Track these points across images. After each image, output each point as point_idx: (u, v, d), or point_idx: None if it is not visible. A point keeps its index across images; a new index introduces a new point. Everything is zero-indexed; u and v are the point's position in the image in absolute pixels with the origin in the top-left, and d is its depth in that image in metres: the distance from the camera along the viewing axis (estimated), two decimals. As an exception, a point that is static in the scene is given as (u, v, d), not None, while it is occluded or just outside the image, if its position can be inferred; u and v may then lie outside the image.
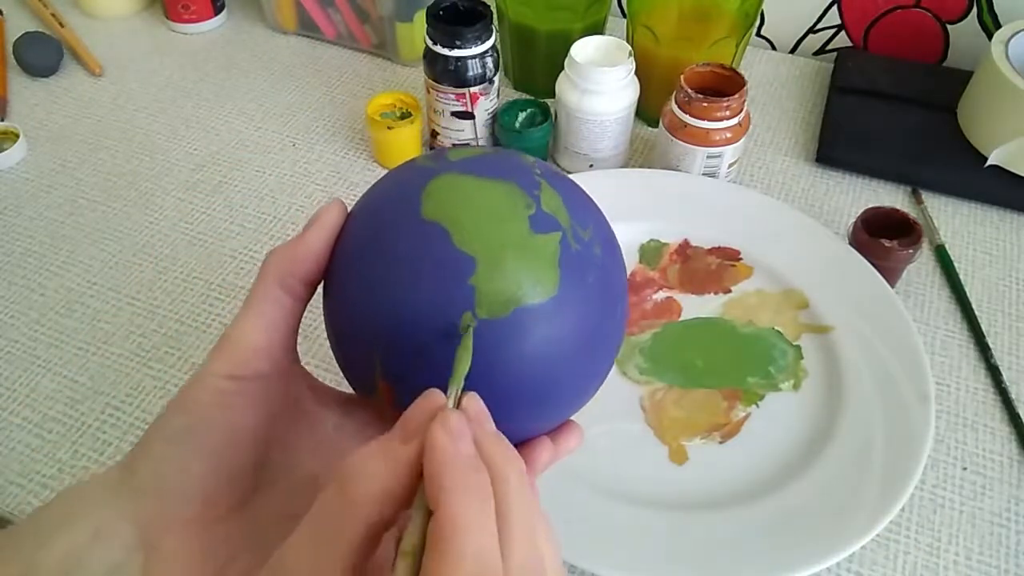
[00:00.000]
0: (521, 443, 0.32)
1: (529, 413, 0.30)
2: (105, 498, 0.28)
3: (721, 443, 0.50)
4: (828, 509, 0.45)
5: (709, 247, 0.60)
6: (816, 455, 0.48)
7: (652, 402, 0.52)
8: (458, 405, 0.27)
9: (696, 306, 0.57)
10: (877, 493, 0.45)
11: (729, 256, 0.60)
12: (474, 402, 0.27)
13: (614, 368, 0.53)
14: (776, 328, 0.55)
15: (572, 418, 0.33)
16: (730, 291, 0.58)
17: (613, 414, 0.51)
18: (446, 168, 0.31)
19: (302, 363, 0.34)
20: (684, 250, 0.60)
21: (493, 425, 0.27)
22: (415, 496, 0.25)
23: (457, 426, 0.25)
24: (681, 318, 0.56)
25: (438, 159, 0.32)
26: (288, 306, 0.31)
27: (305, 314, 0.32)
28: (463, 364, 0.27)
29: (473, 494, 0.24)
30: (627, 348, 0.54)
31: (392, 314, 0.29)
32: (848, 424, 0.49)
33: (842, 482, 0.46)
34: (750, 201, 0.62)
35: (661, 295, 0.58)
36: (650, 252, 0.60)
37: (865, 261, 0.56)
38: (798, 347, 0.54)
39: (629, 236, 0.60)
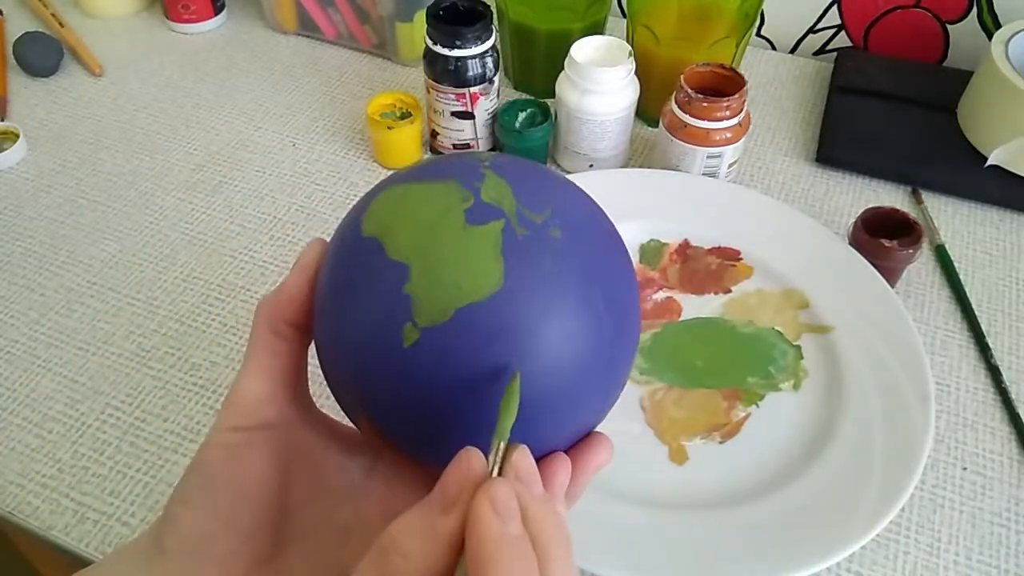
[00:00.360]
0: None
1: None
2: (138, 564, 0.29)
3: (721, 443, 0.50)
4: (828, 509, 0.45)
5: (709, 247, 0.60)
6: (816, 455, 0.48)
7: (652, 402, 0.51)
8: (502, 461, 0.25)
9: (696, 306, 0.57)
10: (877, 493, 0.45)
11: (729, 256, 0.60)
12: (524, 459, 0.25)
13: None
14: (776, 328, 0.55)
15: (599, 429, 0.30)
16: (730, 291, 0.58)
17: (613, 414, 0.50)
18: (390, 181, 0.29)
19: (320, 406, 0.33)
20: (684, 250, 0.60)
21: (541, 486, 0.25)
22: (456, 569, 0.23)
23: (506, 503, 0.23)
24: (681, 318, 0.56)
25: (395, 173, 0.30)
26: (284, 351, 0.30)
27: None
28: (507, 416, 0.25)
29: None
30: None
31: (349, 342, 0.27)
32: (848, 424, 0.49)
33: (842, 482, 0.46)
34: (750, 201, 0.62)
35: (661, 295, 0.58)
36: (650, 252, 0.60)
37: (865, 261, 0.56)
38: (798, 347, 0.54)
39: (629, 236, 0.60)
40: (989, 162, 0.66)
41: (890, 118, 0.71)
